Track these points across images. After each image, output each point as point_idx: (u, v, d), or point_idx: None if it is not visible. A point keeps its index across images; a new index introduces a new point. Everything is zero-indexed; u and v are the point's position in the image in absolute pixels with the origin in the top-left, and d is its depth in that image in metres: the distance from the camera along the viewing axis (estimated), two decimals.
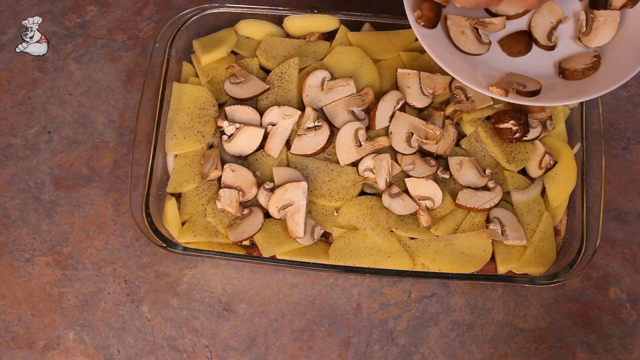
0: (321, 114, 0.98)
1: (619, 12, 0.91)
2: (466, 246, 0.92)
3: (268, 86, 0.98)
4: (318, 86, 0.98)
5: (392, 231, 0.93)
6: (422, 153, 0.97)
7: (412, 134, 0.96)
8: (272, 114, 0.97)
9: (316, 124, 0.96)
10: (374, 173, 0.94)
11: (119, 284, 0.97)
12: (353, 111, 0.97)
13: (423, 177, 0.93)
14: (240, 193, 0.93)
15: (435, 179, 0.95)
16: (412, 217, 0.94)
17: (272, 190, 0.93)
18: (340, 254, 0.92)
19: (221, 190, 0.93)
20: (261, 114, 0.97)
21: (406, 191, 0.94)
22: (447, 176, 0.95)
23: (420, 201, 0.93)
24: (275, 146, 0.96)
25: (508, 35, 0.93)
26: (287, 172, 0.94)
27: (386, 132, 0.97)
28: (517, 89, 0.86)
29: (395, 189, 0.93)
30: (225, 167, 0.94)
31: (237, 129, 0.96)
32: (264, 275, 0.97)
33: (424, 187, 0.93)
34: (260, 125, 0.97)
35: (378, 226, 0.92)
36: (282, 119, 0.96)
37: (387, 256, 0.92)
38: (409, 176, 0.94)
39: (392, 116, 0.97)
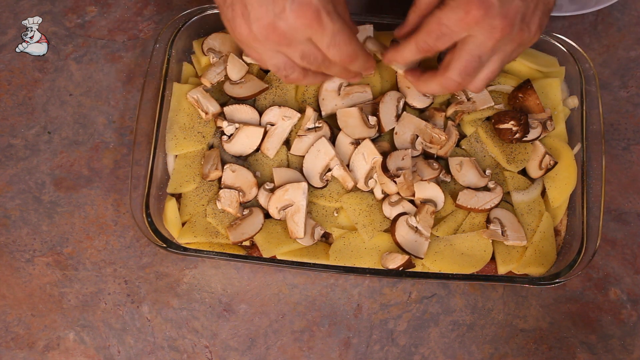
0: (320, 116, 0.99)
1: None
2: (466, 246, 0.92)
3: (267, 85, 0.98)
4: (335, 90, 0.98)
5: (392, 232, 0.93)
6: (425, 155, 0.97)
7: (417, 136, 0.96)
8: (272, 114, 0.97)
9: (316, 125, 0.96)
10: (376, 181, 0.94)
11: (119, 285, 0.97)
12: (367, 117, 0.96)
13: (425, 180, 0.93)
14: (241, 194, 0.93)
15: (437, 180, 0.95)
16: None
17: (272, 190, 0.93)
18: (341, 255, 0.92)
19: (221, 191, 0.93)
20: (260, 114, 0.97)
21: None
22: (449, 179, 0.95)
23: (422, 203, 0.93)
24: (272, 146, 0.96)
25: None
26: (288, 173, 0.94)
27: (391, 133, 0.97)
28: None
29: (395, 197, 0.93)
30: (225, 167, 0.94)
31: (236, 129, 0.96)
32: (264, 276, 0.97)
33: (426, 190, 0.93)
34: (259, 125, 0.97)
35: (370, 225, 0.92)
36: (281, 119, 0.96)
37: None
38: None
39: (398, 116, 0.97)
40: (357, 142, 0.95)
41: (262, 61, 0.83)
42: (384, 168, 0.91)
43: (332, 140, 0.96)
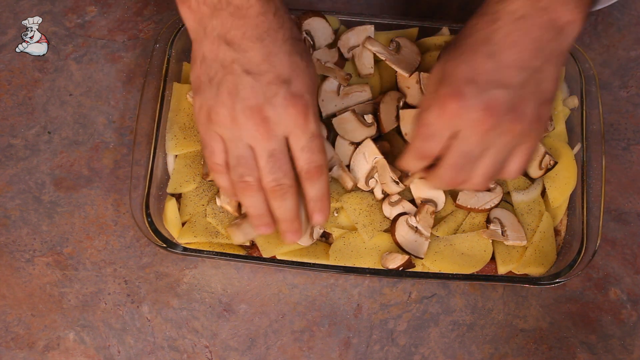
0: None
1: None
2: (466, 246, 0.92)
3: None
4: (334, 91, 0.98)
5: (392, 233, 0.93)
6: None
7: None
8: None
9: None
10: (377, 181, 0.94)
11: (119, 285, 0.97)
12: (362, 117, 0.96)
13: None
14: None
15: None
16: None
17: None
18: (341, 255, 0.92)
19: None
20: None
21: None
22: None
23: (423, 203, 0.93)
24: None
25: None
26: None
27: (392, 133, 0.97)
28: None
29: (395, 197, 0.93)
30: None
31: None
32: (264, 276, 0.97)
33: (427, 190, 0.93)
34: None
35: (370, 225, 0.92)
36: None
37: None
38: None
39: (398, 116, 0.97)
40: (357, 143, 0.95)
41: (224, 150, 0.79)
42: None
43: (332, 140, 0.96)
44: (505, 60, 0.74)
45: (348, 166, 0.95)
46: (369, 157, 0.93)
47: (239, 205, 0.93)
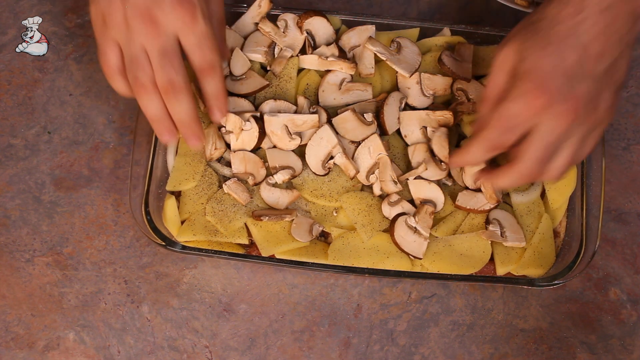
0: (315, 101, 0.99)
1: None
2: (465, 247, 0.92)
3: (267, 82, 0.98)
4: (336, 84, 0.98)
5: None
6: (432, 153, 0.95)
7: (426, 127, 0.95)
8: (268, 107, 0.96)
9: (312, 110, 0.96)
10: (377, 177, 0.94)
11: (119, 285, 0.97)
12: (362, 116, 0.96)
13: (432, 181, 0.93)
14: (251, 177, 0.93)
15: (438, 182, 0.94)
16: None
17: (275, 185, 0.93)
18: (340, 254, 0.92)
19: (229, 182, 0.93)
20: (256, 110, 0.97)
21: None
22: (450, 183, 0.95)
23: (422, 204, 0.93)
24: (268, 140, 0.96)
25: None
26: (280, 155, 0.95)
27: (394, 135, 0.97)
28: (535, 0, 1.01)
29: (394, 197, 0.93)
30: (234, 154, 0.94)
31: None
32: (264, 276, 0.98)
33: (426, 190, 0.93)
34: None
35: (369, 225, 0.92)
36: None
37: (386, 257, 0.92)
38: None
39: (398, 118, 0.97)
40: (357, 142, 0.95)
41: (120, 54, 0.83)
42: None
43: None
44: (591, 51, 0.75)
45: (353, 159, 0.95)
46: (373, 152, 0.93)
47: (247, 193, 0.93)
